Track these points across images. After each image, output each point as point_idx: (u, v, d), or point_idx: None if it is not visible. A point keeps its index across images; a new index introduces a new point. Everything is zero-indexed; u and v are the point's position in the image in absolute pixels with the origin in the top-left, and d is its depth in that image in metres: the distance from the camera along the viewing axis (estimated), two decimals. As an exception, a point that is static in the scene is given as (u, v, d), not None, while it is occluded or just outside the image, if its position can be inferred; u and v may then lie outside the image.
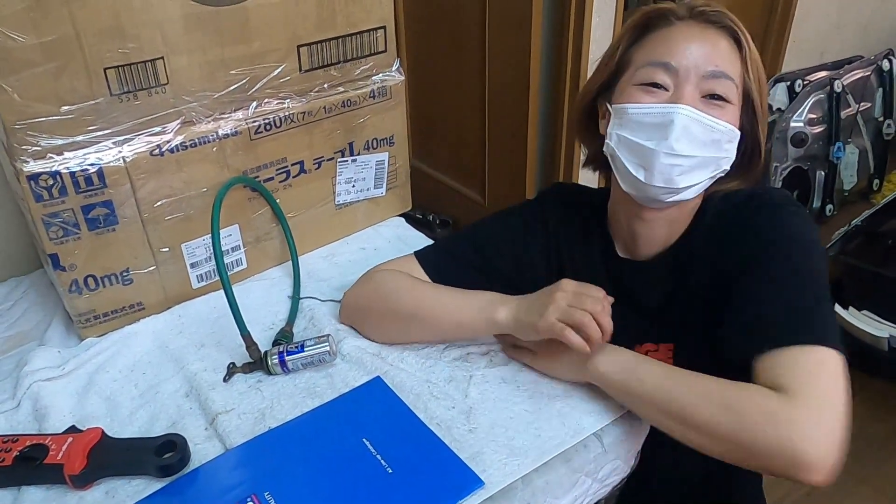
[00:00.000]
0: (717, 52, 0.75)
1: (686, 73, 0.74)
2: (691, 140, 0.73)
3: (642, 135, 0.75)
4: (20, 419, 0.80)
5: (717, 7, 0.77)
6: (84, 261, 0.87)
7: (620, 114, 0.77)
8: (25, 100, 0.76)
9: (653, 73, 0.75)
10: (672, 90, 0.75)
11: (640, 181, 0.75)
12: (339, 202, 1.09)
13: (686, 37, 0.76)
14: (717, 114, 0.74)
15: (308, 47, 0.94)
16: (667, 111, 0.73)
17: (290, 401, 0.80)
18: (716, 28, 0.76)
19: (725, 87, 0.74)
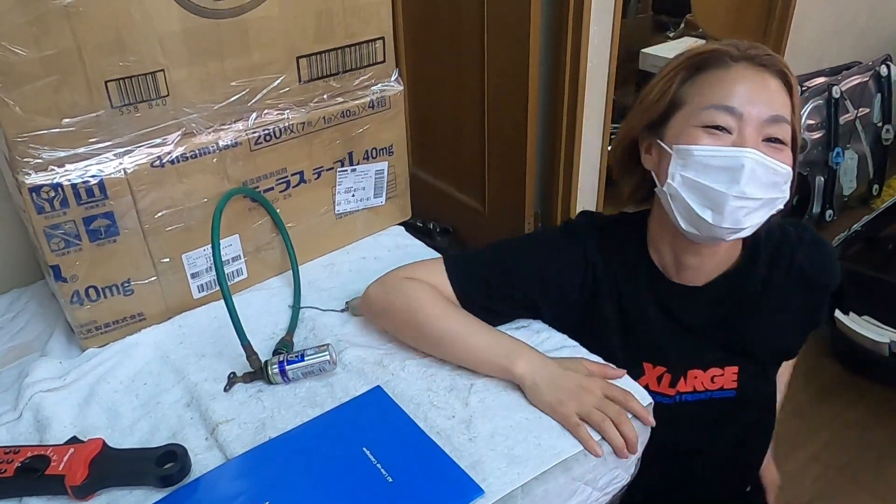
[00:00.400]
0: (774, 96, 0.77)
1: (749, 118, 0.76)
2: (757, 183, 0.75)
3: (711, 177, 0.76)
4: (21, 430, 0.80)
5: (767, 49, 0.79)
6: (85, 272, 0.87)
7: (684, 155, 0.77)
8: (27, 113, 0.76)
9: (716, 116, 0.76)
10: (735, 133, 0.76)
11: (707, 222, 0.77)
12: (338, 212, 1.10)
13: (746, 81, 0.76)
14: (778, 157, 0.76)
15: (307, 58, 0.95)
16: (736, 155, 0.75)
17: (290, 410, 0.81)
18: (769, 71, 0.78)
19: (783, 131, 0.77)
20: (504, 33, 1.94)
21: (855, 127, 2.57)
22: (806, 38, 2.55)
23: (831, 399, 1.87)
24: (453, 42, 2.12)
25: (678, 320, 0.88)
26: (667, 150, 0.79)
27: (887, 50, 2.72)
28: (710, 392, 0.90)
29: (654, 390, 0.89)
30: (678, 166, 0.78)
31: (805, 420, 1.79)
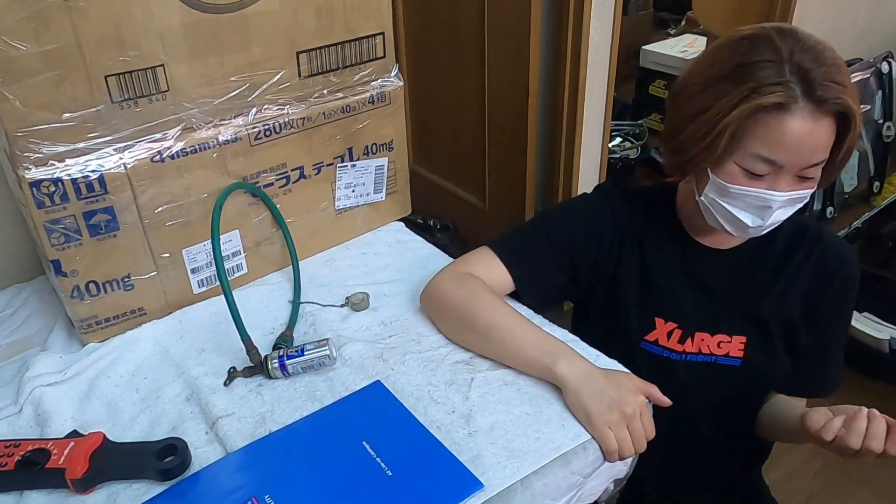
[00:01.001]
0: (825, 144, 0.78)
1: (790, 168, 0.79)
2: (784, 211, 0.82)
3: (740, 208, 0.83)
4: (22, 424, 0.81)
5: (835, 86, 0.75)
6: (85, 267, 0.87)
7: (720, 186, 0.83)
8: (27, 108, 0.76)
9: (759, 165, 0.79)
10: (771, 175, 0.80)
11: (732, 233, 0.86)
12: (338, 207, 1.10)
13: (795, 135, 0.76)
14: (806, 186, 0.81)
15: (307, 54, 0.95)
16: (766, 197, 0.80)
17: (290, 404, 0.81)
18: (829, 116, 0.76)
19: (816, 170, 0.80)
20: (504, 30, 1.94)
21: (856, 124, 2.56)
22: (807, 34, 2.54)
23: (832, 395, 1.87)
24: (454, 39, 2.12)
25: (698, 280, 0.93)
26: (709, 174, 0.83)
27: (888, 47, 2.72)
28: (715, 356, 0.93)
29: (663, 345, 0.93)
30: (713, 191, 0.84)
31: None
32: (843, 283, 0.93)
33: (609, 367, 0.82)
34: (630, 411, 0.74)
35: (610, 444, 0.73)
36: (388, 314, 0.96)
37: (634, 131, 2.84)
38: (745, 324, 0.92)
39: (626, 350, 0.86)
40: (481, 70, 2.06)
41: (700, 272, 0.93)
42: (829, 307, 0.94)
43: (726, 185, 0.81)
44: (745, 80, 0.77)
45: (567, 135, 2.06)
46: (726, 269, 0.93)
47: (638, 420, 0.74)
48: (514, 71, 1.95)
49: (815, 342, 0.95)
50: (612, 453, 0.73)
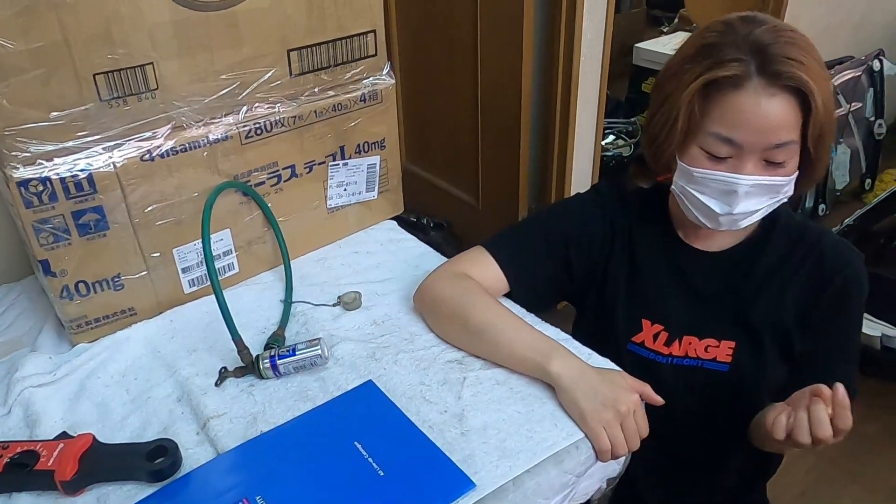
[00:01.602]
0: (781, 124, 0.76)
1: (750, 148, 0.78)
2: (753, 199, 0.80)
3: (707, 195, 0.82)
4: (11, 425, 0.80)
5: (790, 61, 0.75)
6: (75, 266, 0.87)
7: (687, 172, 0.83)
8: (15, 106, 0.76)
9: (718, 146, 0.79)
10: (735, 158, 0.79)
11: (706, 224, 0.85)
12: (330, 206, 1.09)
13: (752, 112, 0.76)
14: (777, 172, 0.79)
15: (298, 52, 0.94)
16: (730, 181, 0.79)
17: (281, 405, 0.80)
18: (785, 93, 0.76)
19: (786, 153, 0.78)
20: (497, 28, 1.94)
21: (847, 121, 2.57)
22: (799, 32, 2.55)
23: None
24: (447, 36, 2.12)
25: (688, 283, 0.92)
26: (676, 160, 0.84)
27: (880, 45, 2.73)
28: (702, 361, 0.92)
29: (650, 347, 0.92)
30: (681, 178, 0.84)
31: (797, 413, 1.80)
32: (843, 286, 0.89)
33: (601, 366, 0.82)
34: (624, 409, 0.73)
35: (603, 443, 0.73)
36: (381, 313, 0.95)
37: (627, 129, 2.84)
38: (735, 329, 0.90)
39: (613, 351, 0.85)
40: (475, 68, 2.06)
41: (690, 275, 0.92)
42: (825, 312, 0.89)
43: (691, 170, 0.81)
44: (703, 58, 0.79)
45: (560, 132, 2.06)
46: (716, 273, 0.91)
47: (631, 418, 0.74)
48: (508, 68, 1.95)
49: (812, 349, 0.91)
50: (605, 452, 0.73)
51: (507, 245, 0.94)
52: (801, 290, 0.89)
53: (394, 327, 0.92)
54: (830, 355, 0.91)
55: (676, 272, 0.92)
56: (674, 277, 0.92)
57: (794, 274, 0.90)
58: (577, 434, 0.75)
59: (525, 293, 0.92)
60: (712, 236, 0.90)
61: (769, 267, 0.90)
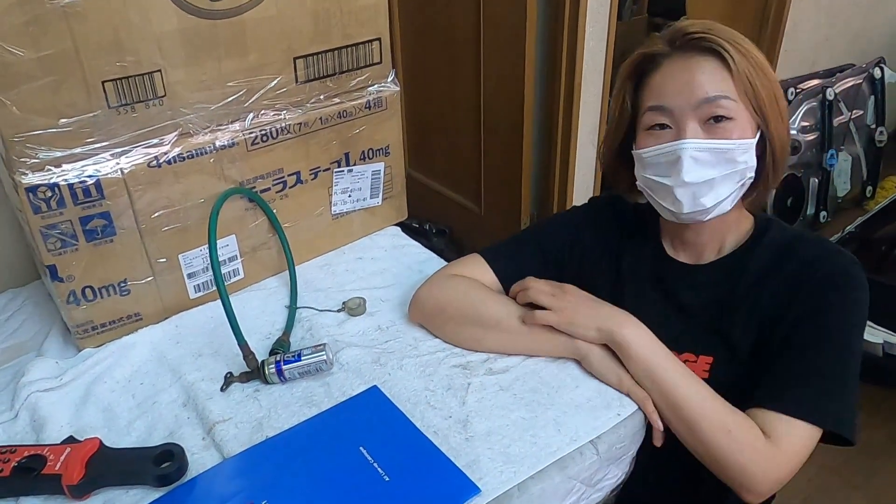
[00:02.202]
0: (703, 78, 0.78)
1: (680, 111, 0.79)
2: (702, 165, 0.79)
3: (659, 173, 0.82)
4: (18, 430, 0.80)
5: (698, 29, 0.80)
6: (82, 272, 0.87)
7: (639, 158, 0.84)
8: (24, 113, 0.77)
9: (653, 117, 0.81)
10: (674, 128, 0.80)
11: (672, 211, 0.83)
12: (335, 212, 1.10)
13: (672, 74, 0.80)
14: (722, 134, 0.79)
15: (304, 59, 0.95)
16: (672, 149, 0.80)
17: (287, 410, 0.81)
18: (700, 54, 0.80)
19: (723, 107, 0.78)
20: (500, 35, 1.95)
21: (849, 129, 2.58)
22: (800, 41, 2.57)
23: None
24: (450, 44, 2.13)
25: (671, 297, 0.90)
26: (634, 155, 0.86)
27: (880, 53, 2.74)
28: None
29: None
30: (639, 168, 0.85)
31: (799, 420, 1.79)
32: (819, 287, 0.81)
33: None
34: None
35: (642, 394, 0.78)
36: (385, 319, 0.96)
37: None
38: (714, 343, 0.86)
39: None
40: (477, 75, 2.07)
41: (673, 289, 0.90)
42: (798, 316, 0.80)
43: (641, 153, 0.83)
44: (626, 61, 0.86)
45: (562, 139, 2.06)
46: (700, 286, 0.88)
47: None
48: (510, 75, 1.96)
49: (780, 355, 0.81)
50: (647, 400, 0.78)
51: (502, 253, 0.95)
52: (778, 296, 0.83)
53: (398, 333, 0.93)
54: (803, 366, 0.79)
55: (659, 286, 0.91)
56: (656, 292, 0.91)
57: (771, 283, 0.84)
58: (580, 440, 0.75)
59: None
60: (694, 243, 0.89)
61: (752, 279, 0.86)
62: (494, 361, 0.86)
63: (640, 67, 0.84)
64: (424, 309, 0.92)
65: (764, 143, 0.81)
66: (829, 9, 2.61)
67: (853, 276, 0.83)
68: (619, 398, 0.80)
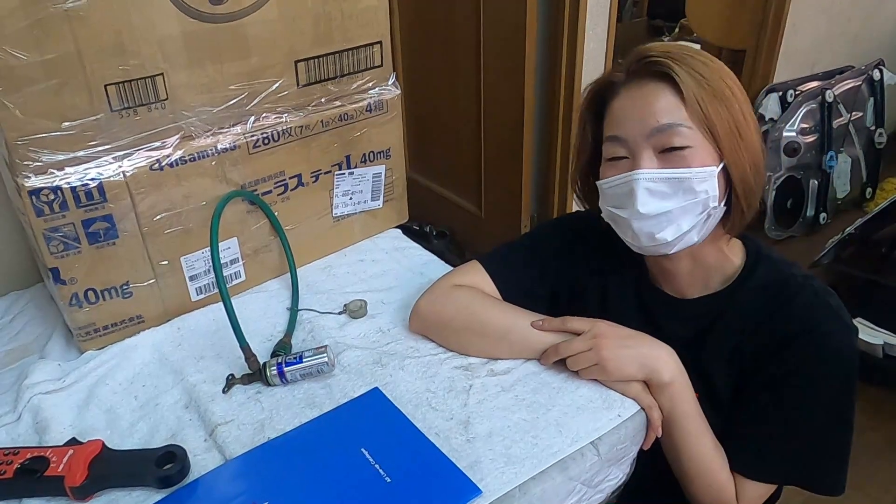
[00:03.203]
0: (657, 107, 0.75)
1: (634, 141, 0.77)
2: (658, 196, 0.76)
3: (616, 204, 0.80)
4: (21, 432, 0.81)
5: (655, 53, 0.77)
6: (84, 274, 0.87)
7: (601, 189, 0.83)
8: (27, 116, 0.77)
9: (611, 148, 0.80)
10: (631, 158, 0.78)
11: (633, 244, 0.81)
12: (336, 214, 1.10)
13: (627, 103, 0.78)
14: (676, 163, 0.76)
15: (305, 62, 0.96)
16: (626, 180, 0.78)
17: (288, 411, 0.81)
18: (654, 81, 0.77)
19: (678, 135, 0.75)
20: (500, 38, 1.95)
21: (848, 130, 2.59)
22: (799, 42, 2.57)
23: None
24: (450, 47, 2.14)
25: (656, 327, 0.87)
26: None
27: (880, 54, 2.74)
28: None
29: None
30: (602, 199, 0.83)
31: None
32: (805, 349, 0.78)
33: None
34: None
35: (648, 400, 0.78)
36: (386, 321, 0.96)
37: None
38: (698, 381, 0.83)
39: None
40: (477, 77, 2.08)
41: (657, 320, 0.88)
42: (781, 374, 0.79)
43: (602, 185, 0.82)
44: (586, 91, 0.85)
45: (563, 141, 2.07)
46: (684, 320, 0.86)
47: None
48: (510, 78, 1.96)
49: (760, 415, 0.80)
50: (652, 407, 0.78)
51: (499, 260, 0.95)
52: (764, 349, 0.80)
53: (399, 335, 0.93)
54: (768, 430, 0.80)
55: (646, 315, 0.89)
56: (640, 319, 0.89)
57: (758, 329, 0.81)
58: (581, 441, 0.75)
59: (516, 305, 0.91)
60: (672, 273, 0.86)
61: (735, 319, 0.83)
62: (495, 363, 0.87)
63: (598, 95, 0.82)
64: (426, 322, 0.91)
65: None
66: (829, 11, 2.62)
67: (844, 342, 0.79)
68: (621, 399, 0.80)
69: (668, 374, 0.78)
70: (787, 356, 0.79)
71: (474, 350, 0.88)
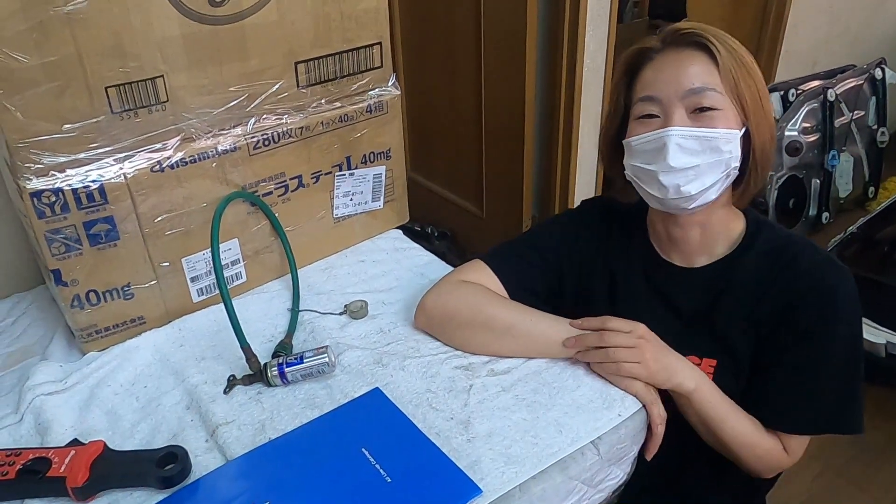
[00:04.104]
0: (692, 70, 0.82)
1: (668, 100, 0.82)
2: (687, 153, 0.81)
3: (646, 160, 0.84)
4: (23, 433, 0.81)
5: (689, 27, 0.84)
6: (86, 276, 0.88)
7: (629, 147, 0.87)
8: (28, 119, 0.77)
9: (644, 107, 0.85)
10: (662, 117, 0.83)
11: (658, 197, 0.85)
12: (336, 215, 1.10)
13: (663, 67, 0.84)
14: (707, 123, 0.81)
15: (305, 64, 0.96)
16: (659, 136, 0.82)
17: (289, 412, 0.81)
18: (690, 48, 0.83)
19: (708, 98, 0.81)
20: (501, 38, 1.95)
21: (850, 130, 2.58)
22: (800, 42, 2.57)
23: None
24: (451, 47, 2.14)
25: (667, 300, 0.92)
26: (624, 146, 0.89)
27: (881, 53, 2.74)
28: None
29: None
30: (628, 157, 0.88)
31: (802, 421, 1.79)
32: (816, 304, 0.83)
33: None
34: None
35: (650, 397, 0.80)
36: (387, 322, 0.96)
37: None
38: (715, 347, 0.88)
39: None
40: (478, 78, 2.08)
41: (669, 292, 0.92)
42: (798, 332, 0.84)
43: (630, 142, 0.86)
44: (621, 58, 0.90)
45: (563, 142, 2.07)
46: (695, 290, 0.90)
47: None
48: (511, 79, 1.96)
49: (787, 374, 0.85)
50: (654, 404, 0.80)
51: (502, 257, 0.96)
52: (776, 310, 0.85)
53: (400, 335, 0.93)
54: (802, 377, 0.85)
55: (655, 290, 0.92)
56: (653, 295, 0.92)
57: (768, 292, 0.86)
58: (582, 440, 0.76)
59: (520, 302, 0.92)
60: (683, 241, 0.90)
61: (745, 284, 0.87)
62: (496, 363, 0.87)
63: (634, 63, 0.87)
64: (432, 317, 0.92)
65: (748, 139, 0.84)
66: (830, 10, 2.61)
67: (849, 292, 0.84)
68: (621, 398, 0.80)
69: (694, 382, 0.83)
70: (799, 316, 0.84)
71: (478, 345, 0.89)
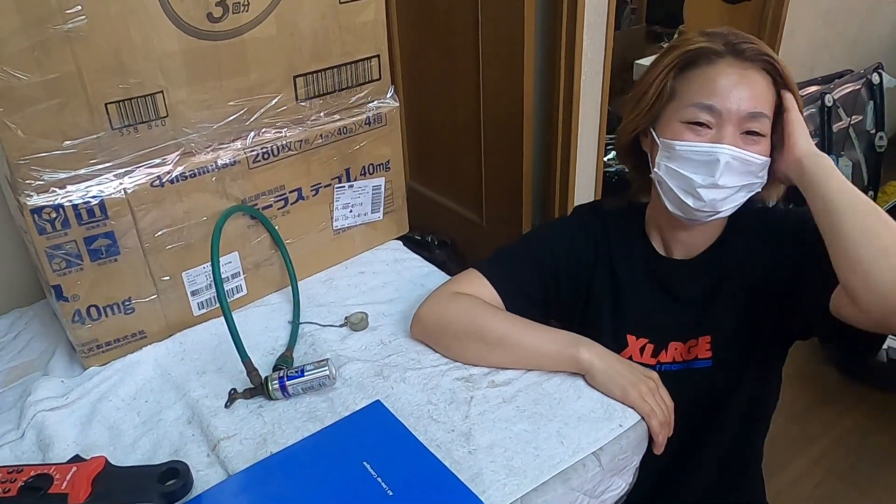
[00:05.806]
0: (755, 93, 0.82)
1: (728, 116, 0.81)
2: (733, 174, 0.82)
3: (690, 169, 0.83)
4: (24, 449, 0.81)
5: (752, 41, 0.84)
6: (87, 291, 0.88)
7: (668, 148, 0.85)
8: (29, 135, 0.78)
9: (698, 113, 0.83)
10: (715, 129, 0.82)
11: (689, 206, 0.84)
12: (336, 227, 1.11)
13: (728, 78, 0.82)
14: (753, 149, 0.82)
15: (304, 77, 0.96)
16: (712, 150, 0.82)
17: (291, 425, 0.81)
18: (754, 66, 0.83)
19: (761, 125, 0.82)
20: (498, 47, 1.96)
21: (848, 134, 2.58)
22: (798, 47, 2.58)
23: (831, 405, 1.88)
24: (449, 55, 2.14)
25: (668, 292, 0.94)
26: (656, 140, 0.86)
27: (878, 58, 2.75)
28: (688, 362, 0.94)
29: (637, 361, 0.94)
30: (664, 157, 0.86)
31: (805, 426, 1.79)
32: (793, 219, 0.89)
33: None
34: (653, 384, 0.81)
35: (649, 408, 0.79)
36: (387, 333, 0.96)
37: (629, 144, 2.85)
38: (712, 322, 0.92)
39: None
40: (476, 86, 2.08)
41: (669, 284, 0.94)
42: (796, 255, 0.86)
43: (673, 143, 0.84)
44: (679, 47, 0.86)
45: (562, 149, 2.07)
46: (694, 278, 0.93)
47: (663, 389, 0.82)
48: (509, 87, 1.97)
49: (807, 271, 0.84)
50: (651, 415, 0.79)
51: (498, 266, 0.96)
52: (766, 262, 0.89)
53: (400, 347, 0.93)
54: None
55: (656, 284, 0.95)
56: (654, 289, 0.95)
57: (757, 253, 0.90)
58: (583, 451, 0.76)
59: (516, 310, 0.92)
60: (686, 242, 0.93)
61: (739, 260, 0.91)
62: (497, 374, 0.87)
63: (691, 58, 0.85)
64: (427, 327, 0.93)
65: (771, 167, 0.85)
66: (827, 15, 2.62)
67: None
68: (622, 409, 0.80)
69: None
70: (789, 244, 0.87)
71: (472, 356, 0.89)
